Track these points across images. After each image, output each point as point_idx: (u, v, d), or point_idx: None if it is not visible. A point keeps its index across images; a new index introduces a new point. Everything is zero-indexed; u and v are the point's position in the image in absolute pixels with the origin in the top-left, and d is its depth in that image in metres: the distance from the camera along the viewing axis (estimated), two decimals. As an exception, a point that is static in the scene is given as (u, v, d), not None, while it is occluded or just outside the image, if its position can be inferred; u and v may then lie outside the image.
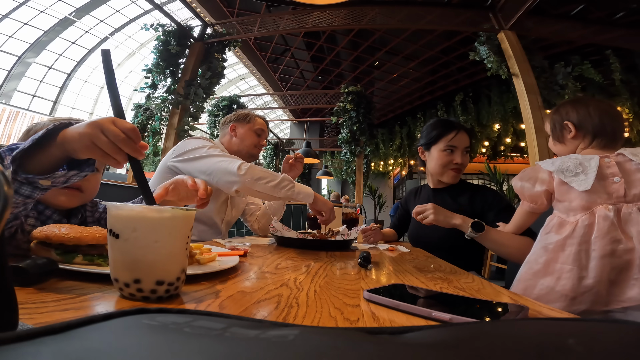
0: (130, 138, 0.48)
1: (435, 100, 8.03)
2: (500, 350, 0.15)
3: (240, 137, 1.47)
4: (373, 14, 4.39)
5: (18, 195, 0.51)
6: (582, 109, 0.98)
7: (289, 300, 0.43)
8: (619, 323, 0.18)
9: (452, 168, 1.34)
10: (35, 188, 0.51)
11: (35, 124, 0.77)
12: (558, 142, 1.01)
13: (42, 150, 0.51)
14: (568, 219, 0.85)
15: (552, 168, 0.88)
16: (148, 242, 0.38)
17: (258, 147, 1.50)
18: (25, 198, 0.52)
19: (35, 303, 0.35)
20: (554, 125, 1.01)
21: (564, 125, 0.98)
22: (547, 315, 0.44)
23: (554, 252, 0.83)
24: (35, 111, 8.99)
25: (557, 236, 0.83)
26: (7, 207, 0.18)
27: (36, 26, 8.07)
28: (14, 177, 0.49)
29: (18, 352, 0.13)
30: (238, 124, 1.48)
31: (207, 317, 0.19)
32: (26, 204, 0.54)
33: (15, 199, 0.51)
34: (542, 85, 3.90)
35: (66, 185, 0.54)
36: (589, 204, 0.82)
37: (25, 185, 0.50)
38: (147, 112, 4.40)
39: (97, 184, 0.81)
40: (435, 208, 1.08)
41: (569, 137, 0.98)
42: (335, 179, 10.17)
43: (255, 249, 0.95)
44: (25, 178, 0.49)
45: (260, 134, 1.50)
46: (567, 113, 0.99)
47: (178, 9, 6.20)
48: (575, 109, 0.99)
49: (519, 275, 0.90)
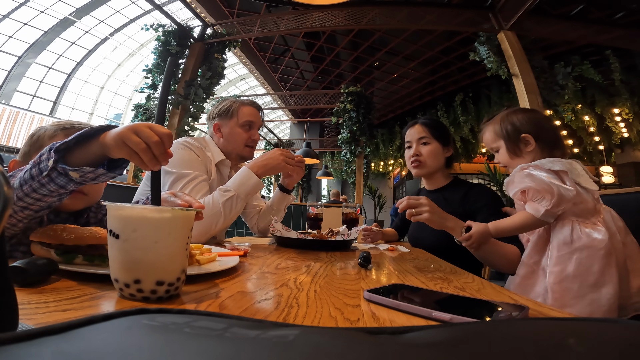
0: (163, 142, 0.51)
1: (435, 100, 8.03)
2: (500, 351, 0.15)
3: (226, 138, 1.26)
4: (373, 14, 4.39)
5: (53, 183, 0.54)
6: (532, 120, 0.98)
7: (289, 301, 0.43)
8: (619, 323, 0.18)
9: (411, 163, 1.34)
10: (70, 180, 0.54)
11: (39, 129, 0.79)
12: (516, 156, 0.98)
13: (82, 148, 0.55)
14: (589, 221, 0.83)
15: (560, 167, 0.85)
16: (148, 242, 0.38)
17: (249, 144, 1.28)
18: (59, 187, 0.55)
19: (35, 303, 0.35)
20: (507, 138, 0.98)
21: (522, 139, 0.96)
22: (547, 315, 0.44)
23: (606, 257, 0.78)
24: (35, 111, 8.99)
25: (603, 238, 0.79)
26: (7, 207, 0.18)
27: (36, 26, 8.08)
28: (53, 166, 0.52)
29: (18, 352, 0.13)
30: (221, 121, 1.27)
31: (207, 318, 0.19)
32: (60, 195, 0.57)
33: (50, 187, 0.54)
34: (542, 85, 3.90)
35: (95, 182, 0.57)
36: (596, 205, 0.83)
37: (62, 175, 0.54)
38: (147, 112, 4.40)
39: (101, 188, 0.82)
40: (431, 206, 0.95)
41: (528, 150, 0.96)
42: (335, 179, 10.16)
43: (255, 249, 0.95)
44: (63, 168, 0.53)
45: (250, 125, 1.27)
46: (521, 125, 0.97)
47: (178, 9, 6.21)
48: (530, 120, 0.97)
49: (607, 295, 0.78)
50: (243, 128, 1.26)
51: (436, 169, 1.34)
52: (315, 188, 10.51)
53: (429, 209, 0.93)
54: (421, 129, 1.33)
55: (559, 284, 0.80)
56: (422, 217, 0.93)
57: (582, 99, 5.11)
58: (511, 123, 0.98)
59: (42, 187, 0.54)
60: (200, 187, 1.09)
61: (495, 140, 1.03)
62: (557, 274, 0.81)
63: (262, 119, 1.36)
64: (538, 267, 0.89)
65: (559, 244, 0.83)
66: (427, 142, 1.32)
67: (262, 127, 1.38)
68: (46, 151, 0.54)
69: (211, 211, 1.02)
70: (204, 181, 1.12)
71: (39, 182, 0.54)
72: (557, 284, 0.81)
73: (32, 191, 0.54)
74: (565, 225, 0.85)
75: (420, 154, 1.32)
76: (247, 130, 1.27)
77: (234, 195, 1.05)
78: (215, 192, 1.06)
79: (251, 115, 1.28)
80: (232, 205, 1.05)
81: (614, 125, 5.50)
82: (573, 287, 0.79)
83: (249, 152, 1.30)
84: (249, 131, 1.27)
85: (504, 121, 1.01)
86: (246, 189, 1.08)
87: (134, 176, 4.37)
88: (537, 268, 0.89)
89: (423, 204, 0.94)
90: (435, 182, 1.37)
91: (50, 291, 0.40)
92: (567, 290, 0.79)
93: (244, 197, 1.08)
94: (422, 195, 1.47)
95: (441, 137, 1.32)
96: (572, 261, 0.80)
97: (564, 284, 0.80)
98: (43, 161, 0.53)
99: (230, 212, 1.05)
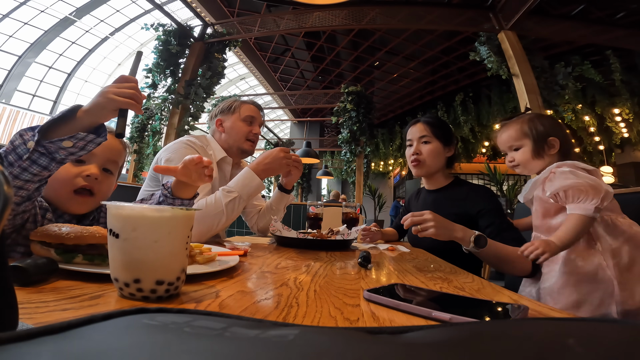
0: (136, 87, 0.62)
1: (436, 100, 8.04)
2: (500, 350, 0.15)
3: (227, 132, 1.30)
4: (373, 14, 4.39)
5: (36, 165, 0.55)
6: (558, 125, 1.02)
7: (289, 300, 0.43)
8: (619, 323, 0.18)
9: (411, 161, 1.34)
10: (52, 160, 0.56)
11: None
12: (537, 157, 1.01)
13: (65, 124, 0.58)
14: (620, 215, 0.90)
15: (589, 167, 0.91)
16: (148, 241, 0.38)
17: (250, 138, 1.32)
18: (42, 169, 0.56)
19: (35, 303, 0.35)
20: (535, 138, 1.01)
21: (549, 141, 0.99)
22: (547, 315, 0.44)
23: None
24: (36, 111, 8.99)
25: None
26: (7, 207, 0.18)
27: (36, 26, 8.07)
28: (35, 148, 0.53)
29: (18, 352, 0.13)
30: (223, 117, 1.32)
31: (207, 317, 0.19)
32: (40, 182, 0.58)
33: (33, 170, 0.55)
34: (543, 85, 3.91)
35: (83, 152, 0.59)
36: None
37: (44, 156, 0.55)
38: (147, 111, 4.40)
39: (109, 188, 0.80)
40: (436, 220, 0.90)
41: (551, 153, 0.99)
42: (335, 179, 10.16)
43: (255, 249, 0.95)
44: (50, 144, 0.54)
45: (251, 121, 1.31)
46: (552, 128, 1.00)
47: (178, 8, 6.21)
48: (556, 125, 1.02)
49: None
50: (245, 122, 1.30)
51: (436, 168, 1.32)
52: (315, 188, 10.51)
53: (434, 224, 0.89)
54: (423, 128, 1.32)
55: (622, 274, 0.84)
56: (428, 233, 0.90)
57: (582, 99, 5.10)
58: (541, 124, 1.01)
59: (24, 171, 0.54)
60: (203, 187, 1.09)
61: (519, 138, 1.04)
62: (617, 265, 0.85)
63: (263, 118, 1.38)
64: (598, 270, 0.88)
65: (608, 240, 0.87)
66: (427, 141, 1.30)
67: (262, 127, 1.41)
68: (17, 137, 0.55)
69: (214, 211, 1.03)
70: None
71: (19, 167, 0.54)
72: (621, 275, 0.84)
73: (13, 178, 0.54)
74: (604, 221, 0.89)
75: (420, 153, 1.30)
76: (248, 125, 1.31)
77: (237, 197, 1.07)
78: (218, 191, 1.07)
79: (252, 111, 1.32)
80: (234, 206, 1.06)
81: (614, 126, 5.50)
82: (630, 278, 0.84)
83: (250, 146, 1.32)
84: (250, 125, 1.31)
85: (534, 122, 1.03)
86: (249, 191, 1.10)
87: (134, 175, 4.37)
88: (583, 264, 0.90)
89: (428, 219, 0.90)
90: (435, 182, 1.35)
91: (50, 290, 0.40)
92: (629, 281, 0.84)
93: (246, 198, 1.09)
94: (422, 194, 1.47)
95: (443, 137, 1.31)
96: (625, 253, 0.85)
97: (626, 275, 0.84)
98: (18, 146, 0.54)
99: (232, 212, 1.06)
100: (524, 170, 1.06)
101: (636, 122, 5.40)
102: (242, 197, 1.08)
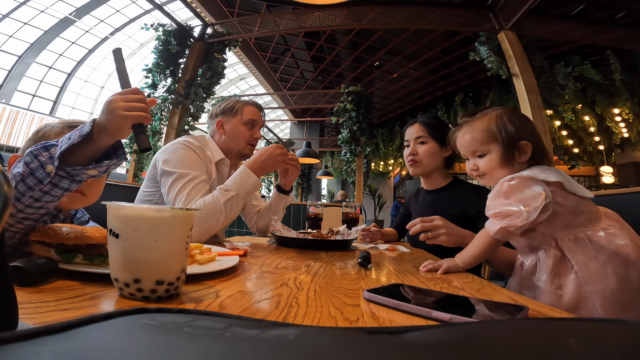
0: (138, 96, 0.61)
1: (435, 100, 8.03)
2: (500, 350, 0.15)
3: (229, 135, 1.28)
4: (373, 14, 4.39)
5: (58, 188, 0.55)
6: (529, 124, 0.83)
7: (289, 300, 0.43)
8: (619, 323, 0.18)
9: (408, 161, 1.35)
10: (73, 181, 0.56)
11: (45, 125, 0.78)
12: (506, 165, 0.81)
13: (83, 146, 0.56)
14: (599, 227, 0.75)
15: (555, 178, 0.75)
16: (148, 241, 0.38)
17: (251, 142, 1.30)
18: (64, 191, 0.56)
19: (35, 303, 0.35)
20: (504, 142, 0.80)
21: (520, 146, 0.80)
22: (547, 315, 0.44)
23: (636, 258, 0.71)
24: (36, 111, 8.99)
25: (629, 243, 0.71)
26: (7, 207, 0.18)
27: (36, 26, 8.07)
28: (56, 172, 0.53)
29: (18, 352, 0.13)
30: (224, 118, 1.29)
31: (207, 317, 0.19)
32: (59, 198, 0.58)
33: (55, 193, 0.55)
34: (543, 85, 3.90)
35: (104, 173, 0.59)
36: (599, 210, 0.79)
37: (65, 179, 0.55)
38: (147, 112, 4.39)
39: (99, 189, 0.80)
40: (447, 226, 0.85)
41: (521, 160, 0.80)
42: (335, 179, 10.16)
43: (255, 249, 0.95)
44: (73, 170, 0.54)
45: (253, 124, 1.30)
46: (523, 129, 0.81)
47: (178, 8, 6.21)
48: (527, 124, 0.82)
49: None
50: (246, 126, 1.29)
51: (433, 168, 1.33)
52: (315, 188, 10.50)
53: (445, 231, 0.85)
54: (419, 128, 1.33)
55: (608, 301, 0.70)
56: (439, 240, 0.86)
57: (582, 99, 5.10)
58: (512, 124, 0.81)
59: (46, 194, 0.54)
60: (200, 187, 1.09)
61: (485, 142, 0.82)
62: (601, 292, 0.71)
63: (264, 119, 1.38)
64: (564, 292, 0.75)
65: (585, 261, 0.73)
66: (424, 142, 1.32)
67: (262, 127, 1.40)
68: (32, 158, 0.53)
69: (212, 210, 1.03)
70: (204, 181, 1.12)
71: (40, 190, 0.53)
72: (606, 302, 0.70)
73: (34, 201, 0.54)
74: (578, 239, 0.75)
75: (416, 153, 1.32)
76: (250, 129, 1.30)
77: (234, 195, 1.06)
78: (216, 190, 1.07)
79: (254, 114, 1.31)
80: (232, 204, 1.06)
81: (614, 126, 5.49)
82: (621, 300, 0.70)
83: (250, 150, 1.32)
84: (251, 129, 1.30)
85: (502, 120, 0.82)
86: (246, 189, 1.09)
87: (134, 176, 4.37)
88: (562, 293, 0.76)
89: (439, 226, 0.85)
90: (433, 182, 1.36)
91: (50, 291, 0.40)
92: (617, 304, 0.70)
93: (244, 196, 1.10)
94: (420, 195, 1.47)
95: (439, 137, 1.31)
96: (609, 274, 0.70)
97: (613, 299, 0.70)
98: (36, 169, 0.53)
99: (231, 211, 1.06)
100: (490, 181, 0.85)
101: (636, 122, 5.39)
102: (240, 195, 1.08)
